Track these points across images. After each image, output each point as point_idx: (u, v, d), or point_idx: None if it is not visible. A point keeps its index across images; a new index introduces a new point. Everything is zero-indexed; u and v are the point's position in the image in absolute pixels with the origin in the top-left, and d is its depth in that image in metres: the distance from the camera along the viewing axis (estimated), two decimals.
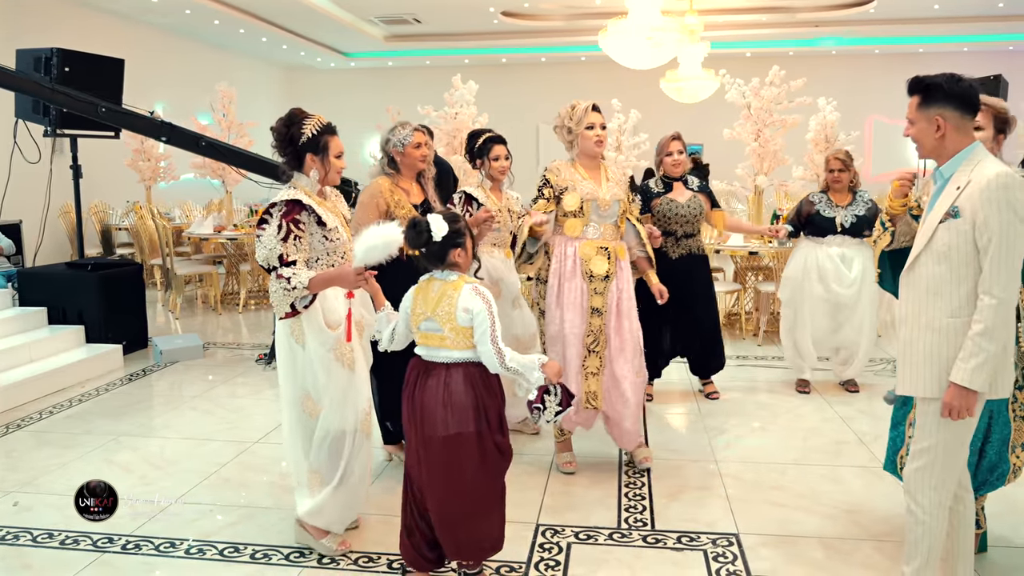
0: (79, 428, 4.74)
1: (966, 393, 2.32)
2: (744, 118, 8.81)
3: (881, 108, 15.66)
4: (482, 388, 2.68)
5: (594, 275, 3.77)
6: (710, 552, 3.14)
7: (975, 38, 14.09)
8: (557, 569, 3.02)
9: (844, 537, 3.26)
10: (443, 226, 2.66)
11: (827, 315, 5.17)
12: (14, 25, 9.73)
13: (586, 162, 3.87)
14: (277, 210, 2.98)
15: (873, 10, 12.27)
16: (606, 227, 3.84)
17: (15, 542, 3.30)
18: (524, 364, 2.61)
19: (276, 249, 2.94)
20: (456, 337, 2.64)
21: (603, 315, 3.79)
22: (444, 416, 2.64)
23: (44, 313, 6.24)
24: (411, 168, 3.87)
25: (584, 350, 3.78)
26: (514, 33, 14.33)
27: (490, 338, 2.59)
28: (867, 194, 5.19)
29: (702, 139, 16.87)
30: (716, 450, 4.28)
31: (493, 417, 2.70)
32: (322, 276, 2.95)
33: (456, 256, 2.70)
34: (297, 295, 2.92)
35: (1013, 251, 2.27)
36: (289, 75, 17.56)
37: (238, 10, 11.96)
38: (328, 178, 3.13)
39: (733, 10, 12.76)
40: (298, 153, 3.07)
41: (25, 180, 6.70)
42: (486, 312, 2.60)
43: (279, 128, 3.09)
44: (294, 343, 3.06)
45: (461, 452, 2.65)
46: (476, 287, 2.65)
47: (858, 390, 5.28)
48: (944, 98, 2.38)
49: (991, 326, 2.28)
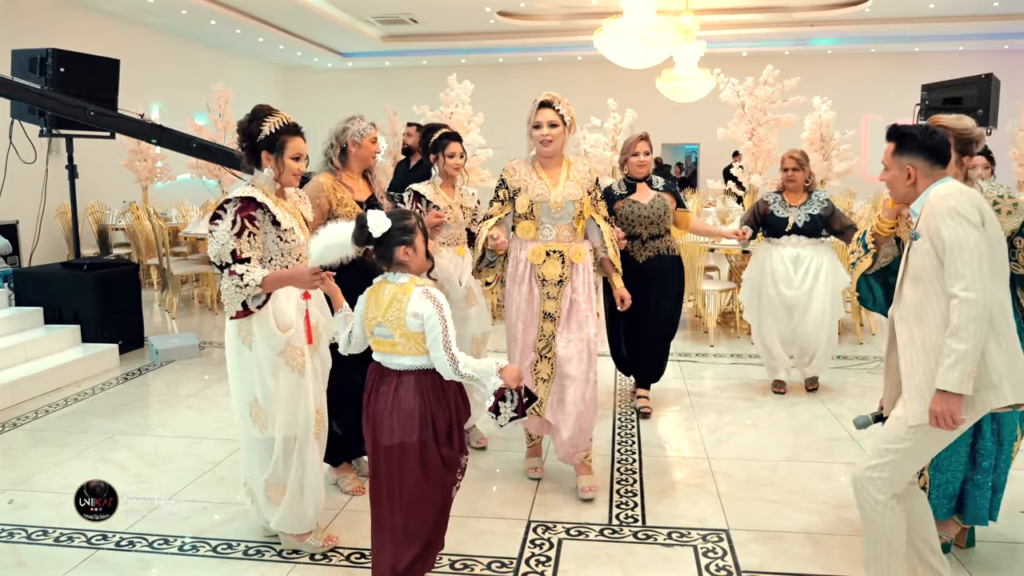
0: (75, 427, 4.76)
1: (945, 396, 2.33)
2: (738, 117, 8.83)
3: (877, 107, 15.69)
4: (431, 397, 2.54)
5: (546, 279, 3.63)
6: (700, 548, 3.17)
7: (970, 37, 14.12)
8: (548, 565, 3.04)
9: (833, 533, 3.29)
10: (382, 222, 2.52)
11: (782, 318, 5.15)
12: (10, 26, 9.74)
13: (545, 160, 3.69)
14: (232, 206, 2.91)
15: (868, 9, 12.31)
16: (560, 228, 3.66)
17: (9, 539, 3.32)
18: (480, 370, 2.47)
19: (229, 244, 2.86)
20: (407, 343, 2.52)
21: (555, 320, 3.65)
22: (390, 424, 2.54)
23: (40, 313, 6.25)
24: (362, 162, 3.72)
25: (535, 355, 3.65)
26: (510, 33, 14.36)
27: (442, 344, 2.46)
28: (823, 194, 5.15)
29: (697, 139, 16.96)
30: (708, 447, 4.30)
31: (441, 428, 2.56)
32: (276, 275, 2.88)
33: (403, 255, 2.55)
34: (250, 293, 2.84)
35: (968, 251, 2.32)
36: (286, 75, 17.58)
37: (234, 10, 11.98)
38: (283, 179, 3.04)
39: (728, 10, 12.79)
40: (255, 149, 3.01)
41: (21, 180, 6.71)
42: (437, 316, 2.47)
43: (242, 123, 3.04)
44: (241, 344, 2.98)
45: (403, 463, 2.54)
46: (427, 290, 2.51)
47: (816, 388, 5.27)
48: (917, 148, 2.49)
49: (956, 326, 2.32)
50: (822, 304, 5.08)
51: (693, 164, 19.16)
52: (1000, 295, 2.42)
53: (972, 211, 2.35)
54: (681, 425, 4.74)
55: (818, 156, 9.96)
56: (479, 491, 3.74)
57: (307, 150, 3.09)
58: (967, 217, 2.34)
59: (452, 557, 3.09)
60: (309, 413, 3.02)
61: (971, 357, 2.30)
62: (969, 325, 2.30)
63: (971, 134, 2.81)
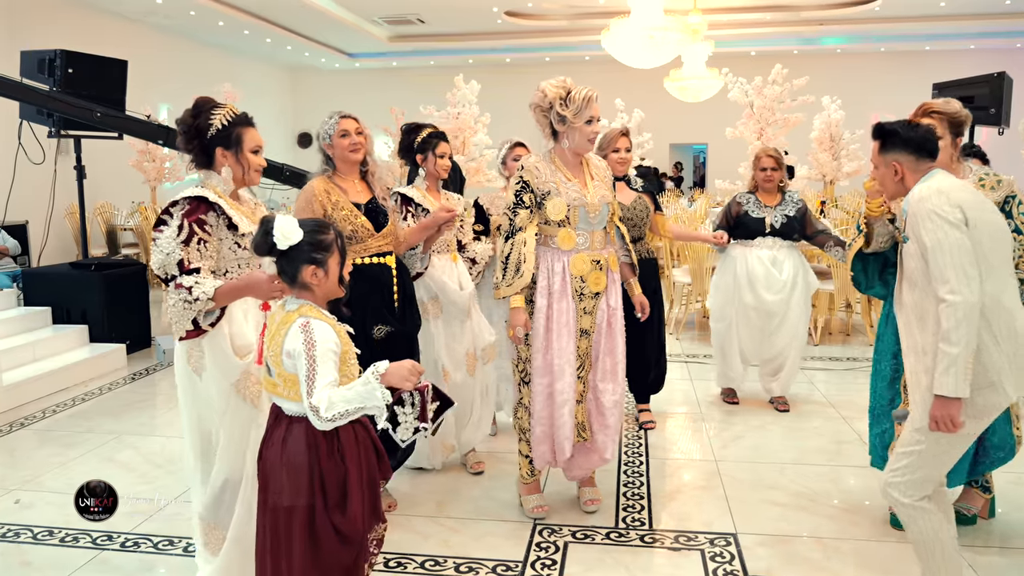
0: (81, 427, 4.76)
1: (943, 401, 2.32)
2: (747, 117, 8.79)
3: (887, 106, 15.53)
4: (322, 450, 2.10)
5: (584, 293, 3.27)
6: (707, 552, 3.14)
7: (982, 35, 14.03)
8: (554, 568, 3.02)
9: (842, 537, 3.25)
10: (292, 230, 2.08)
11: (756, 325, 4.85)
12: (19, 27, 9.78)
13: (570, 158, 3.30)
14: (178, 209, 2.54)
15: (878, 8, 12.24)
16: (595, 235, 3.30)
17: (15, 539, 3.32)
18: (356, 395, 2.00)
19: (175, 254, 2.48)
20: (285, 386, 2.11)
21: (590, 336, 3.32)
22: (279, 480, 2.12)
23: (48, 313, 6.28)
24: (345, 161, 3.36)
25: (574, 378, 3.30)
26: (518, 33, 14.36)
27: (306, 391, 2.01)
28: (796, 194, 4.92)
29: (706, 139, 16.91)
30: (715, 450, 4.28)
31: (333, 490, 2.10)
32: (230, 286, 2.49)
33: (309, 276, 2.11)
34: (200, 308, 2.45)
35: (950, 252, 2.30)
36: (294, 76, 17.63)
37: (242, 11, 12.01)
38: (246, 177, 2.68)
39: (737, 9, 12.75)
40: (206, 147, 2.63)
41: (30, 181, 6.74)
42: (305, 355, 2.02)
43: (184, 119, 2.65)
44: (191, 372, 2.59)
45: (291, 530, 2.11)
46: (307, 323, 2.06)
47: (787, 409, 4.92)
48: (901, 144, 2.50)
49: (945, 330, 2.30)
50: (798, 312, 4.82)
51: (702, 164, 19.12)
52: (995, 290, 2.37)
53: (950, 210, 2.32)
54: (688, 428, 4.71)
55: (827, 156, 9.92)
56: (484, 493, 3.72)
57: (263, 141, 2.74)
58: (946, 218, 2.32)
59: (457, 560, 3.07)
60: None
61: (964, 360, 2.28)
62: (959, 328, 2.28)
63: (960, 116, 2.85)
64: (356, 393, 2.00)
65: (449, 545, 3.20)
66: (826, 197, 10.52)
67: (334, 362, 2.05)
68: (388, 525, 2.37)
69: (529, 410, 3.36)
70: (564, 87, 3.21)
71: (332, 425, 2.02)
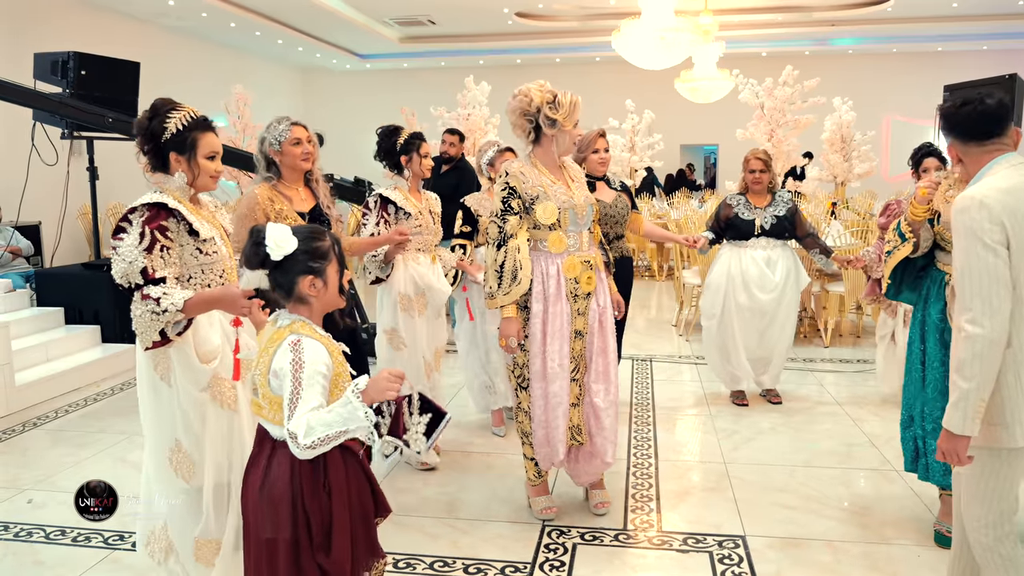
0: (94, 427, 4.80)
1: (949, 435, 2.13)
2: (757, 118, 8.77)
3: (899, 107, 15.54)
4: (306, 483, 1.94)
5: (578, 295, 3.28)
6: (716, 554, 3.13)
7: (994, 36, 13.94)
8: (562, 570, 3.02)
9: (852, 540, 3.24)
10: (286, 240, 1.96)
11: (750, 324, 4.92)
12: (32, 29, 9.86)
13: (550, 161, 3.29)
14: (138, 216, 2.46)
15: (890, 8, 12.18)
16: (583, 236, 3.32)
17: (28, 538, 3.35)
18: (336, 417, 1.84)
19: (138, 262, 2.40)
20: (270, 408, 1.96)
21: (584, 337, 3.33)
22: (260, 510, 1.97)
23: (61, 313, 6.32)
24: (293, 170, 3.34)
25: (568, 381, 3.31)
26: (528, 34, 14.36)
27: (287, 415, 1.85)
28: (787, 194, 4.95)
29: (716, 140, 16.87)
30: (725, 452, 4.27)
31: (316, 525, 1.94)
32: (201, 297, 2.43)
33: (308, 287, 1.98)
34: (169, 320, 2.37)
35: (980, 279, 2.06)
36: (305, 77, 17.69)
37: (254, 13, 12.07)
38: (198, 182, 2.59)
39: (748, 10, 12.71)
40: (161, 151, 2.55)
41: (43, 182, 6.79)
42: (291, 377, 1.87)
43: (140, 121, 2.58)
44: (158, 380, 2.51)
45: (274, 565, 1.96)
46: (298, 341, 1.91)
47: (780, 401, 5.06)
48: (948, 128, 2.29)
49: (960, 361, 2.10)
50: (788, 309, 4.91)
51: (712, 166, 19.07)
52: None
53: (989, 229, 2.05)
54: (697, 429, 4.70)
55: (839, 157, 9.89)
56: (492, 494, 3.73)
57: (221, 147, 2.66)
58: (981, 239, 2.05)
59: (466, 561, 3.08)
60: (246, 455, 2.32)
61: (976, 397, 2.08)
62: (974, 362, 2.06)
63: None
64: (337, 415, 1.84)
65: (458, 546, 3.21)
66: (837, 198, 10.49)
67: (322, 386, 1.89)
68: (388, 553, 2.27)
69: (529, 414, 3.37)
70: (550, 91, 3.20)
71: (313, 453, 1.84)
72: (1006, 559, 2.21)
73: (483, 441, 4.46)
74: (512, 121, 3.29)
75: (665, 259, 10.68)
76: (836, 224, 8.04)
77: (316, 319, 2.03)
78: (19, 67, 7.19)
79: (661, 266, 10.80)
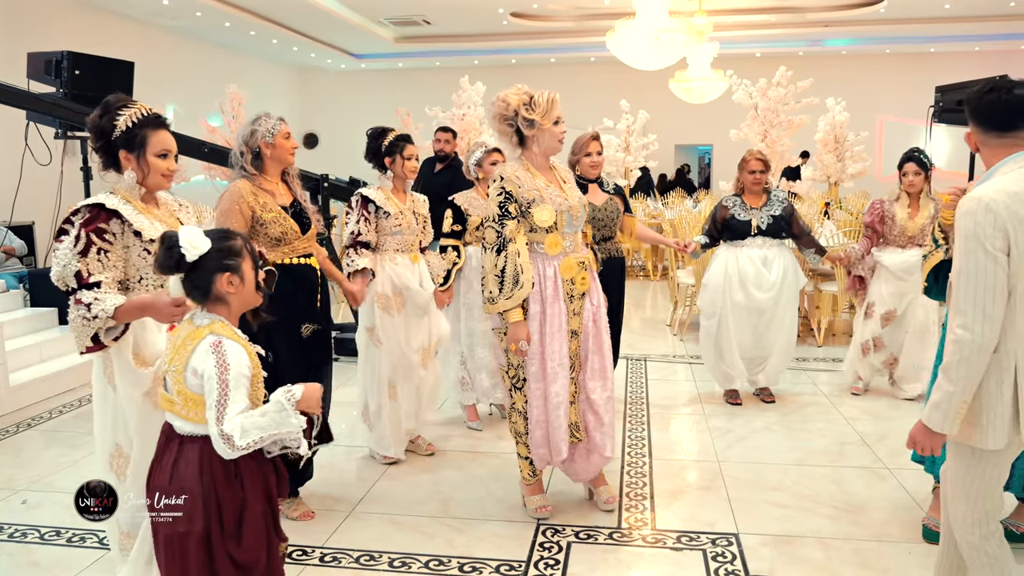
0: (88, 427, 4.77)
1: (926, 430, 2.18)
2: (751, 119, 8.80)
3: (892, 108, 15.60)
4: (218, 475, 1.97)
5: (573, 295, 3.32)
6: (709, 552, 3.15)
7: (987, 37, 14.00)
8: (557, 568, 3.04)
9: (844, 537, 3.26)
10: (201, 239, 1.98)
11: (747, 323, 4.94)
12: (25, 28, 9.84)
13: (540, 163, 3.32)
14: (78, 218, 2.43)
15: (883, 10, 12.23)
16: (577, 237, 3.37)
17: (23, 539, 3.35)
18: (270, 421, 1.90)
19: (72, 266, 2.37)
20: (186, 406, 1.98)
21: (579, 337, 3.37)
22: (170, 504, 1.99)
23: (55, 313, 6.30)
24: (279, 163, 3.36)
25: (568, 380, 3.34)
26: (523, 34, 14.38)
27: (215, 417, 1.88)
28: (782, 193, 4.99)
29: (711, 140, 16.91)
30: (719, 450, 4.29)
31: (229, 517, 1.97)
32: (132, 304, 2.38)
33: (226, 285, 1.99)
34: (99, 326, 2.35)
35: (975, 284, 2.06)
36: (300, 77, 17.68)
37: (249, 12, 12.06)
38: (149, 181, 2.54)
39: (742, 10, 12.75)
40: (110, 148, 2.51)
41: (37, 182, 6.79)
42: (216, 378, 1.90)
43: (92, 119, 2.53)
44: (106, 384, 2.51)
45: (186, 559, 1.97)
46: (219, 342, 1.94)
47: (773, 400, 5.08)
48: (970, 114, 2.23)
49: (947, 364, 2.11)
50: (786, 308, 4.94)
51: (707, 166, 19.12)
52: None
53: (993, 236, 2.03)
54: (691, 428, 4.72)
55: (832, 157, 9.93)
56: (487, 493, 3.74)
57: (175, 145, 2.60)
58: (983, 244, 2.03)
59: (460, 560, 3.09)
60: None
61: (958, 400, 2.10)
62: (960, 366, 2.07)
63: None
64: (271, 420, 1.90)
65: (453, 545, 3.22)
66: (830, 198, 10.52)
67: (246, 387, 1.94)
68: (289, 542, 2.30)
69: (524, 414, 3.39)
70: (526, 92, 3.24)
71: (243, 453, 1.91)
72: (991, 557, 2.23)
73: (478, 440, 4.48)
74: (495, 129, 3.33)
75: (660, 259, 10.71)
76: (829, 224, 8.07)
77: (234, 319, 2.05)
78: (14, 67, 7.17)
79: (656, 266, 10.84)
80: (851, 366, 5.32)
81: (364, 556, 3.15)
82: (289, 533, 3.27)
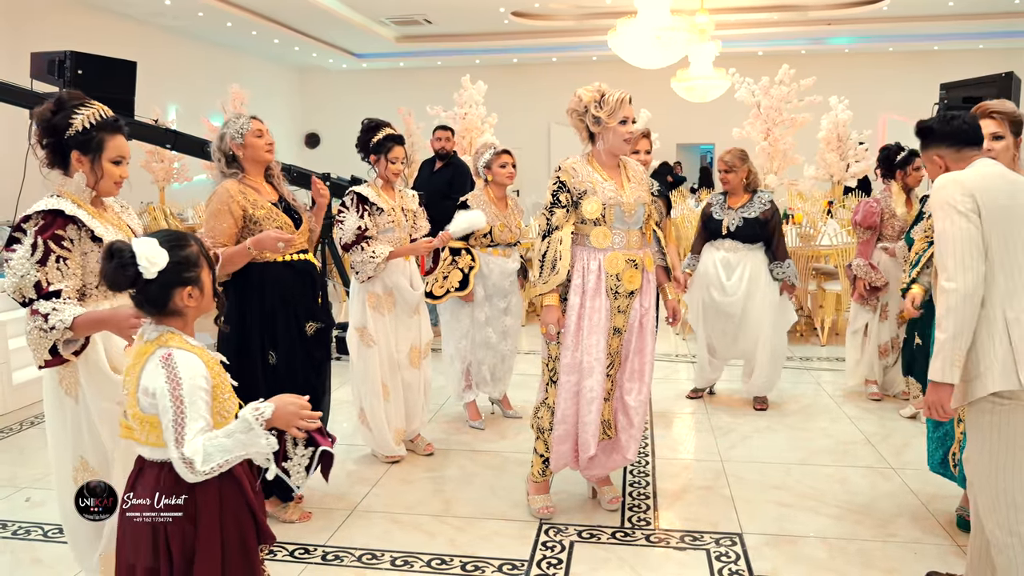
0: None
1: (933, 386, 2.34)
2: (754, 117, 8.78)
3: (895, 107, 15.55)
4: (172, 508, 1.79)
5: (620, 292, 3.29)
6: (713, 551, 3.14)
7: (990, 35, 13.97)
8: (559, 568, 3.03)
9: (848, 537, 3.25)
10: (159, 253, 1.79)
11: (717, 325, 4.91)
12: (28, 28, 9.85)
13: (606, 159, 3.34)
14: (31, 225, 2.31)
15: (886, 7, 12.20)
16: (631, 234, 3.32)
17: (26, 537, 3.35)
18: (236, 443, 1.73)
19: (31, 276, 2.25)
20: (143, 429, 1.80)
21: (622, 335, 3.35)
22: (121, 535, 1.85)
23: None
24: (256, 162, 3.30)
25: (604, 376, 3.32)
26: (525, 33, 14.36)
27: (174, 439, 1.70)
28: (767, 195, 4.82)
29: (713, 139, 16.89)
30: (722, 450, 4.28)
31: (177, 552, 1.77)
32: (91, 316, 2.25)
33: (185, 299, 1.83)
34: (57, 338, 2.23)
35: (953, 241, 2.31)
36: (301, 76, 17.68)
37: (250, 12, 12.06)
38: (101, 186, 2.42)
39: (744, 9, 12.73)
40: (61, 147, 2.38)
41: (40, 181, 6.78)
42: (169, 396, 1.72)
43: (43, 113, 2.40)
44: (63, 395, 2.37)
45: None
46: (168, 355, 1.76)
47: (765, 408, 4.95)
48: (938, 139, 2.53)
49: (939, 316, 2.33)
50: (759, 314, 4.76)
51: (709, 164, 19.10)
52: (1009, 286, 2.30)
53: (962, 199, 2.32)
54: (694, 428, 4.72)
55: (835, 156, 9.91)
56: (490, 492, 3.73)
57: (129, 152, 2.50)
58: (955, 206, 2.32)
59: (463, 559, 3.09)
60: None
61: (951, 346, 2.29)
62: (949, 315, 2.29)
63: (1018, 114, 2.88)
64: (236, 441, 1.73)
65: (455, 544, 3.22)
66: (833, 197, 10.51)
67: (205, 401, 1.75)
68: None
69: (552, 410, 3.38)
70: (599, 90, 3.27)
71: (207, 477, 1.73)
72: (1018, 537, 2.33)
73: (479, 439, 4.48)
74: (571, 124, 3.36)
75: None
76: (832, 223, 8.06)
77: (189, 329, 1.89)
78: (15, 66, 7.19)
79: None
80: (858, 369, 5.22)
81: (366, 555, 3.14)
82: (290, 532, 3.29)
